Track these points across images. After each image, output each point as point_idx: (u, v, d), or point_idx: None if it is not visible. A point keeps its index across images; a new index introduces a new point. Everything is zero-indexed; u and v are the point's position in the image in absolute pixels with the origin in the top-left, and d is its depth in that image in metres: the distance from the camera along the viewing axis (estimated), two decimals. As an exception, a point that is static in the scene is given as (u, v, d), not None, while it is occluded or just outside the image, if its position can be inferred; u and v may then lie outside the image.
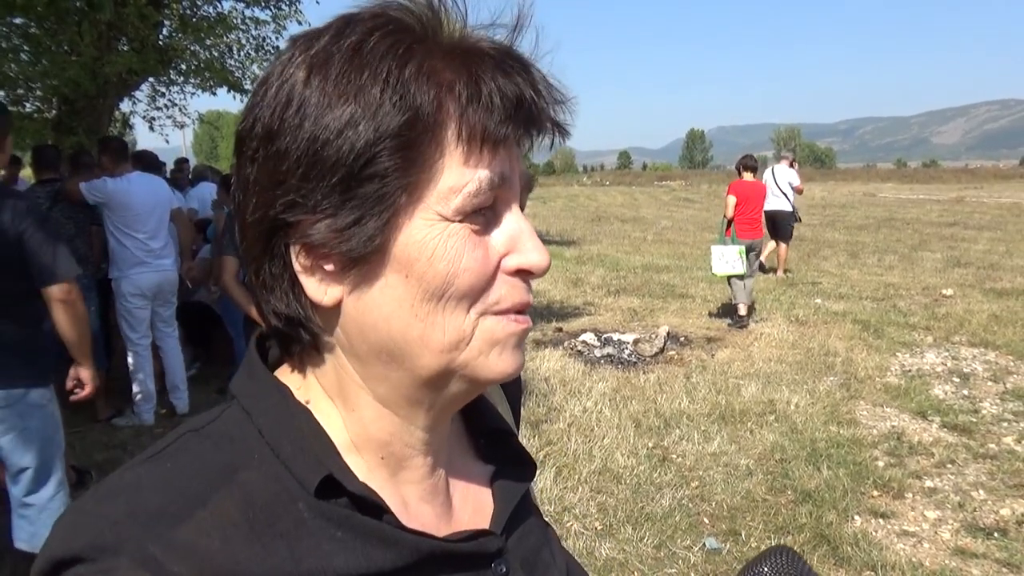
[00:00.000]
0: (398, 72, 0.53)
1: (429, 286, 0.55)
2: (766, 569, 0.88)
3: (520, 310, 0.60)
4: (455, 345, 0.57)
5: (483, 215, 0.57)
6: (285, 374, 0.64)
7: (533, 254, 0.59)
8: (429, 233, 0.55)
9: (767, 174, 12.05)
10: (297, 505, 0.56)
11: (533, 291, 0.63)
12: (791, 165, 12.28)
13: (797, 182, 12.09)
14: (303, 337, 0.60)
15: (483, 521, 0.68)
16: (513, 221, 0.59)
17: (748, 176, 8.88)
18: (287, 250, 0.57)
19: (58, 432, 3.27)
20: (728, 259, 8.54)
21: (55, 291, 3.04)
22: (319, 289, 0.57)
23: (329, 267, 0.56)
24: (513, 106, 0.55)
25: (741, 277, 8.65)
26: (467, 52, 0.56)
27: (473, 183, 0.55)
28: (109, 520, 0.51)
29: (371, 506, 0.58)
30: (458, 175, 0.55)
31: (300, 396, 0.62)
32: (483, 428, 0.74)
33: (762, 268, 11.88)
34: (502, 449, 0.74)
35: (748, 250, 8.72)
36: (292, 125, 0.54)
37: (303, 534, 0.55)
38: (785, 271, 12.25)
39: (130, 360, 5.48)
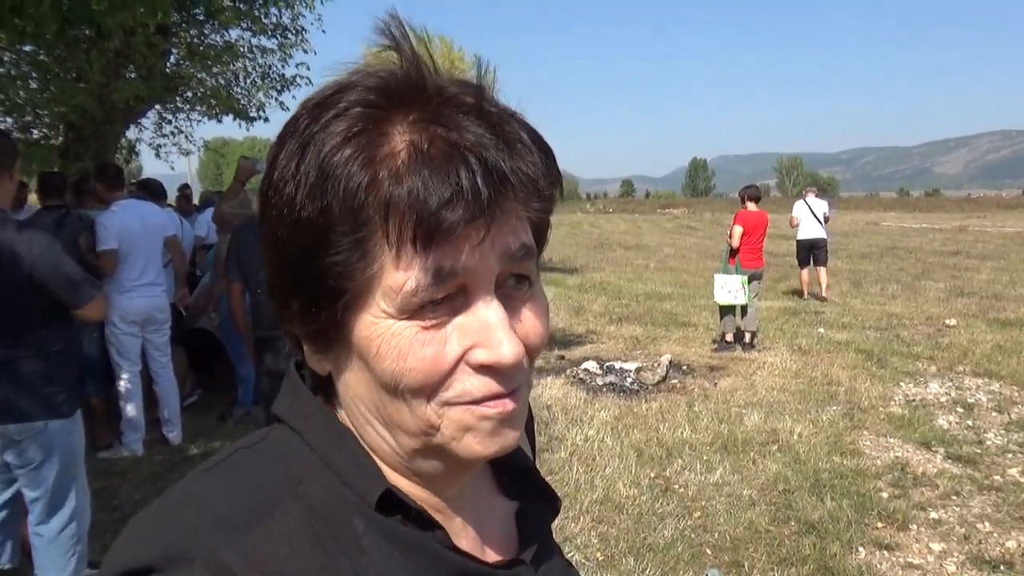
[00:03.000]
0: (337, 163, 0.52)
1: (381, 380, 0.55)
2: None
3: (491, 399, 0.56)
4: (424, 431, 0.56)
5: (444, 305, 0.54)
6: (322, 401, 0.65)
7: (499, 348, 0.54)
8: (374, 331, 0.54)
9: (801, 207, 12.80)
10: (354, 519, 0.57)
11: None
12: (817, 196, 13.18)
13: (828, 211, 12.97)
14: (323, 387, 0.64)
15: (511, 554, 0.69)
16: (483, 310, 0.55)
17: (752, 206, 8.97)
18: (286, 324, 0.61)
19: (75, 462, 3.25)
20: (731, 288, 8.61)
21: (89, 311, 3.17)
22: (312, 361, 0.61)
23: (309, 346, 0.60)
24: (444, 200, 0.51)
25: (744, 306, 8.71)
26: (419, 134, 0.53)
27: (410, 282, 0.52)
28: (179, 529, 0.52)
29: (424, 522, 0.59)
30: (395, 275, 0.52)
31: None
32: (506, 465, 0.73)
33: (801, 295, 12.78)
34: (526, 485, 0.74)
35: (751, 279, 8.77)
36: (266, 215, 0.57)
37: (362, 549, 0.56)
38: (822, 296, 12.65)
39: (119, 388, 5.41)
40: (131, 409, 5.43)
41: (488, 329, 0.54)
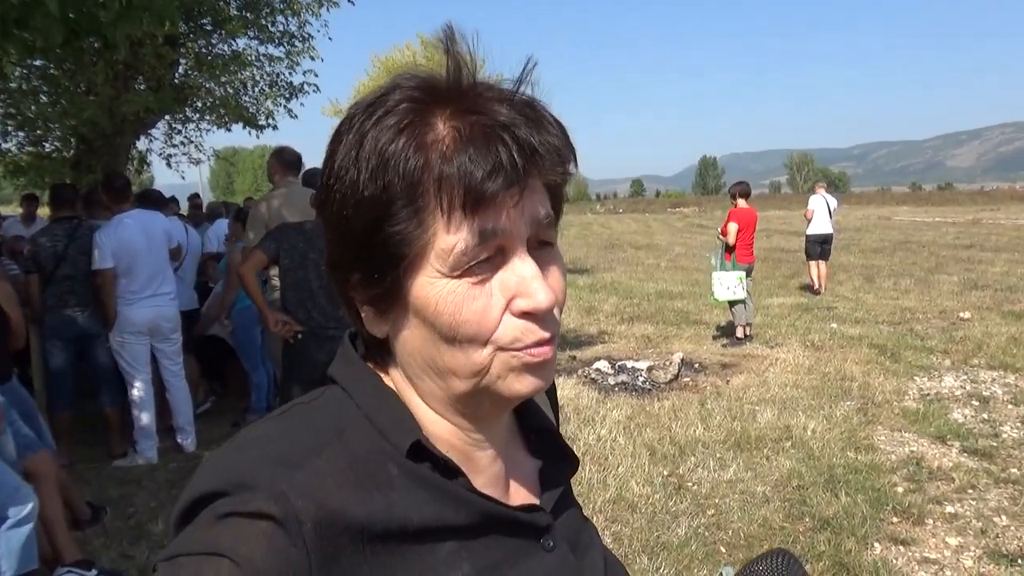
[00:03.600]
0: (394, 151, 0.61)
1: (440, 332, 0.64)
2: (762, 568, 0.91)
3: (535, 346, 0.65)
4: (476, 374, 0.65)
5: (487, 264, 0.63)
6: (371, 367, 0.74)
7: (536, 296, 0.63)
8: (431, 289, 0.63)
9: (819, 200, 12.95)
10: (388, 464, 0.66)
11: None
12: (827, 191, 13.49)
13: (836, 206, 13.36)
14: (378, 350, 0.73)
15: (534, 503, 0.77)
16: (519, 265, 0.64)
17: (742, 203, 9.11)
18: (348, 293, 0.70)
19: None
20: (729, 285, 8.71)
21: None
22: (371, 324, 0.70)
23: (370, 310, 0.69)
24: (487, 172, 0.60)
25: (736, 301, 8.77)
26: (460, 121, 0.62)
27: (461, 244, 0.61)
28: (245, 463, 0.62)
29: (450, 470, 0.68)
30: (447, 238, 0.61)
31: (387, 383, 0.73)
32: (532, 426, 0.83)
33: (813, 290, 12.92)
34: (549, 445, 0.83)
35: (746, 274, 8.89)
36: (329, 200, 0.66)
37: (394, 487, 0.65)
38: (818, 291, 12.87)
39: (131, 397, 5.44)
40: (144, 417, 5.45)
41: (525, 281, 0.63)
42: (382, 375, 0.73)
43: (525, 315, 0.64)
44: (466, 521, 0.67)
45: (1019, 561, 3.90)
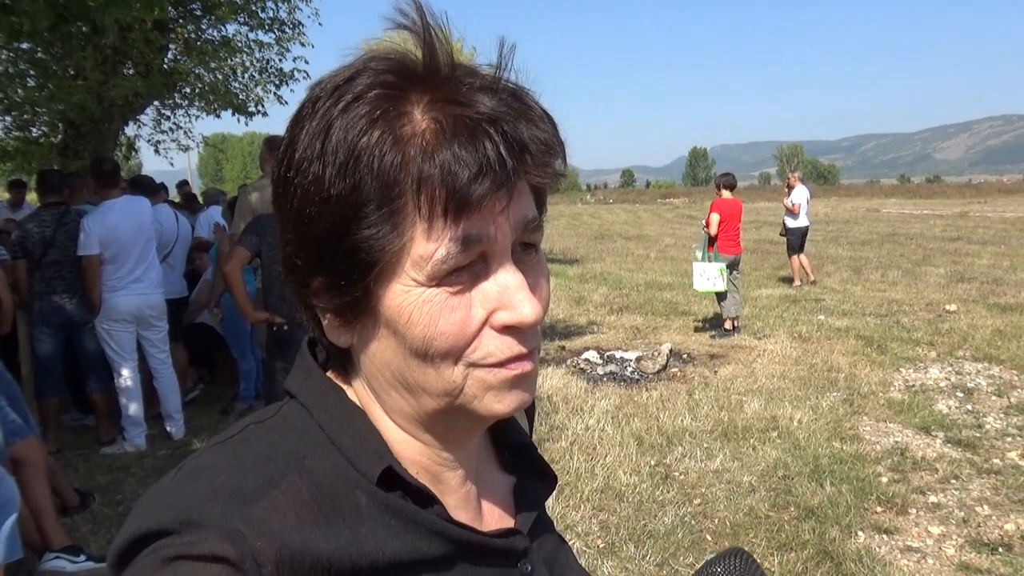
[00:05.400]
0: (367, 144, 0.55)
1: (411, 345, 0.58)
2: (719, 570, 0.91)
3: (514, 360, 0.60)
4: (449, 392, 0.60)
5: (467, 272, 0.57)
6: (333, 378, 0.68)
7: (520, 309, 0.58)
8: (406, 299, 0.57)
9: (804, 193, 12.71)
10: (356, 493, 0.60)
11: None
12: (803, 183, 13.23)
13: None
14: (341, 359, 0.67)
15: (508, 525, 0.72)
16: (503, 275, 0.58)
17: (727, 194, 9.12)
18: (308, 299, 0.63)
19: None
20: (709, 276, 8.72)
21: None
22: (334, 334, 0.63)
23: (333, 320, 0.62)
24: (473, 173, 0.54)
25: (723, 293, 8.78)
26: (440, 112, 0.56)
27: (441, 250, 0.55)
28: (194, 497, 0.55)
29: (423, 498, 0.63)
30: (426, 245, 0.55)
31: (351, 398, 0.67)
32: (507, 441, 0.78)
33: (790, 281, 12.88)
34: (525, 461, 0.78)
35: (730, 266, 8.90)
36: (287, 194, 0.59)
37: (362, 519, 0.59)
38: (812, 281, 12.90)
39: (118, 384, 5.43)
40: (132, 405, 5.45)
41: (509, 292, 0.58)
42: (345, 388, 0.67)
43: (506, 329, 0.59)
44: (440, 552, 0.62)
45: (1000, 550, 3.96)
